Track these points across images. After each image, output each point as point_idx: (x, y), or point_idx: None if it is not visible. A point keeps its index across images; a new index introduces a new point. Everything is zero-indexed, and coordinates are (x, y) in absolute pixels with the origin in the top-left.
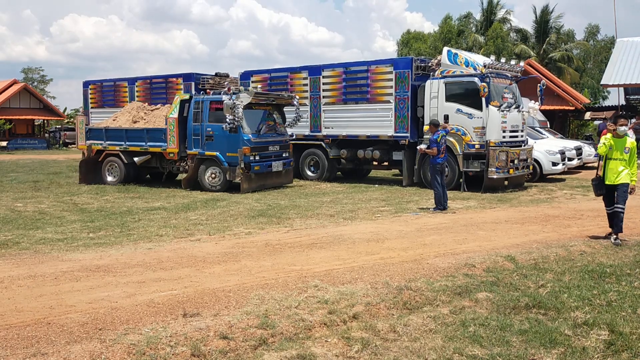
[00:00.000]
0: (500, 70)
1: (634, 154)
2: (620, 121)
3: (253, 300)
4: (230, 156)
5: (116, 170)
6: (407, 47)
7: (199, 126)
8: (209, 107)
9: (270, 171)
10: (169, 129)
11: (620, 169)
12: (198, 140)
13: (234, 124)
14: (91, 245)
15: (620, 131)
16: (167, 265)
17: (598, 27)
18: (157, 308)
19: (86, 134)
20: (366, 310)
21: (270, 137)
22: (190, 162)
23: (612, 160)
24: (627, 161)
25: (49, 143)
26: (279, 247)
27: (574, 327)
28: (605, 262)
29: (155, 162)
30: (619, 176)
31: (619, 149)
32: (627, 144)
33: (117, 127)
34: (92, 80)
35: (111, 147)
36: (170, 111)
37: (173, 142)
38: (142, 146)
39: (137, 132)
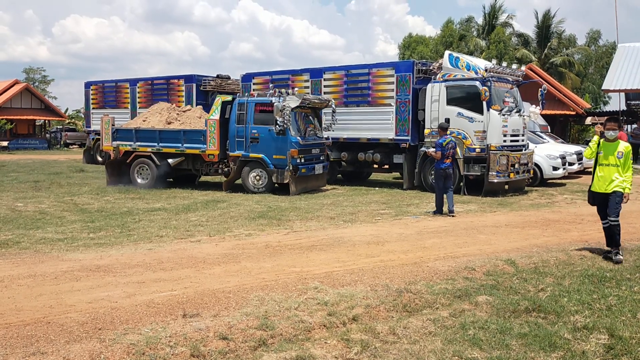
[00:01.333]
0: (502, 75)
1: (628, 159)
2: (610, 125)
3: (253, 301)
4: (277, 158)
5: (146, 172)
6: (409, 50)
7: (242, 128)
8: (254, 109)
9: (313, 174)
10: (209, 130)
11: (613, 176)
12: (241, 142)
13: (283, 126)
14: (91, 245)
15: (609, 136)
16: (167, 266)
17: (599, 33)
18: (157, 308)
19: (113, 134)
20: (366, 312)
21: (312, 140)
22: (232, 164)
23: (603, 167)
24: (621, 167)
25: (49, 143)
26: (279, 248)
27: (573, 331)
28: (605, 266)
29: (187, 164)
30: (611, 184)
31: (610, 153)
32: (620, 148)
33: (149, 128)
34: (93, 81)
35: (142, 148)
36: (211, 112)
37: (213, 144)
38: (177, 148)
39: (173, 134)
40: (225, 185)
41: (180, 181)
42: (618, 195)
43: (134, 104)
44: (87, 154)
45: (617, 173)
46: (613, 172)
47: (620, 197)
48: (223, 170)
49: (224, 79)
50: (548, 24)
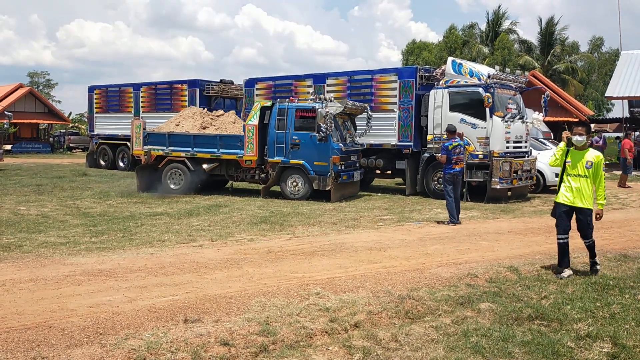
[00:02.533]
0: (505, 81)
1: (599, 170)
2: (577, 129)
3: (254, 307)
4: (318, 165)
5: (179, 178)
6: (413, 56)
7: (282, 134)
8: (295, 115)
9: (352, 180)
10: (247, 135)
11: (583, 188)
12: (281, 148)
13: (326, 132)
14: (93, 249)
15: (576, 141)
16: (169, 271)
17: (602, 40)
18: (158, 313)
19: (144, 138)
20: (368, 319)
21: (351, 147)
22: (271, 171)
23: (571, 177)
24: (590, 178)
25: (53, 147)
26: (281, 254)
27: (577, 339)
28: (608, 274)
29: (220, 170)
30: (577, 197)
31: (579, 162)
32: (589, 157)
33: (183, 133)
34: (97, 85)
35: (175, 153)
36: (249, 118)
37: (251, 150)
38: (213, 153)
39: (209, 139)
40: (263, 191)
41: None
42: (588, 215)
43: (137, 108)
44: (90, 157)
45: (586, 186)
46: (583, 185)
47: (590, 216)
48: (260, 176)
49: (227, 84)
50: (551, 30)
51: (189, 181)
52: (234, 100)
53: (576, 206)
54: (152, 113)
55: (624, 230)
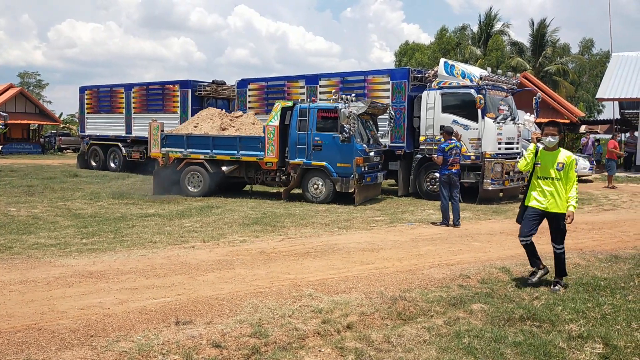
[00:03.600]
0: (497, 83)
1: (570, 171)
2: (549, 129)
3: (246, 308)
4: (341, 167)
5: (198, 180)
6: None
7: (304, 135)
8: (317, 116)
9: (376, 182)
10: (268, 137)
11: (554, 192)
12: (303, 149)
13: (350, 133)
14: (84, 251)
15: (548, 142)
16: (161, 272)
17: (592, 41)
18: (150, 315)
19: (162, 140)
20: (360, 320)
21: (374, 148)
22: (292, 173)
23: (541, 180)
24: (562, 181)
25: (43, 148)
26: (274, 255)
27: (568, 340)
28: (599, 275)
29: (239, 172)
30: (551, 201)
31: (550, 165)
32: (560, 159)
33: (202, 135)
34: (88, 86)
35: (194, 155)
36: (270, 119)
37: (272, 151)
38: (233, 155)
39: (228, 140)
40: (284, 194)
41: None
42: (559, 218)
43: (128, 109)
44: (81, 158)
45: (558, 188)
46: (554, 187)
47: (561, 220)
48: (281, 178)
49: (220, 84)
50: (543, 32)
51: (207, 184)
52: (226, 101)
53: (550, 211)
54: (143, 114)
55: (615, 231)
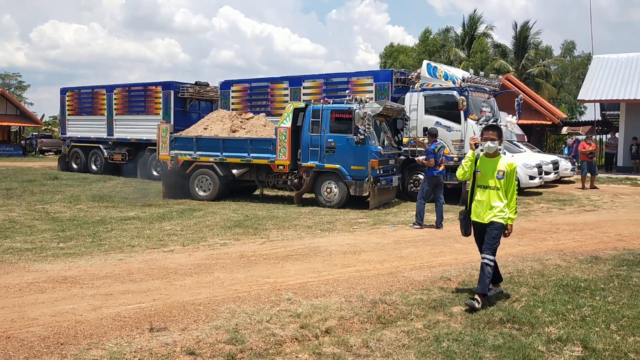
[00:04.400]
0: (479, 85)
1: (511, 180)
2: (488, 134)
3: (223, 314)
4: (355, 169)
5: (207, 184)
6: (391, 59)
7: (317, 137)
8: (330, 117)
9: (391, 186)
10: (280, 139)
11: (493, 202)
12: (316, 151)
13: (364, 135)
14: (60, 255)
15: (488, 148)
16: (137, 277)
17: (574, 44)
18: (123, 322)
19: (171, 143)
20: (339, 324)
21: (390, 150)
22: (305, 176)
23: (480, 189)
24: (501, 190)
25: (25, 150)
26: (254, 258)
27: (547, 343)
28: (580, 276)
29: (250, 175)
30: (489, 212)
31: (490, 173)
32: (500, 166)
33: (212, 137)
34: (69, 87)
35: (203, 158)
36: (282, 120)
37: (284, 154)
38: (243, 157)
39: (239, 143)
40: (296, 197)
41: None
42: (496, 228)
43: (110, 110)
44: (62, 161)
45: (497, 198)
46: (493, 197)
47: (499, 230)
48: (293, 181)
49: (203, 86)
50: (525, 35)
51: (217, 187)
52: (209, 103)
53: (486, 222)
54: (125, 115)
55: (596, 232)
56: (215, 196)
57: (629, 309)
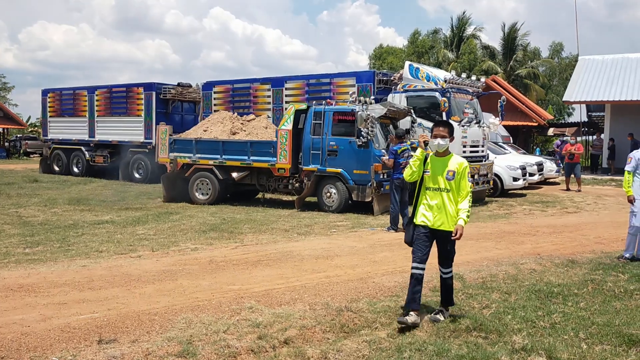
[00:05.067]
0: (461, 86)
1: (463, 181)
2: (438, 130)
3: (179, 324)
4: (358, 174)
5: (207, 187)
6: (380, 61)
7: (319, 139)
8: (332, 119)
9: None
10: (280, 141)
11: (446, 206)
12: (317, 155)
13: (367, 138)
14: (23, 261)
15: (437, 146)
16: (97, 285)
17: (562, 45)
18: (72, 333)
19: (170, 145)
20: (300, 334)
21: None
22: (306, 180)
23: (430, 192)
24: (453, 192)
25: (8, 152)
26: (223, 264)
27: (511, 353)
28: (554, 281)
29: (250, 179)
30: (437, 217)
31: (439, 173)
32: (451, 166)
33: (212, 139)
34: (51, 89)
35: (203, 161)
36: (283, 122)
37: (285, 157)
38: (243, 161)
39: (239, 145)
40: (297, 202)
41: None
42: (450, 236)
43: (92, 112)
44: (44, 163)
45: (449, 202)
46: (445, 201)
47: (453, 241)
48: (294, 186)
49: (185, 87)
50: (514, 36)
51: (217, 191)
52: (192, 104)
53: (438, 229)
54: (107, 117)
55: (576, 234)
56: (214, 200)
57: (600, 315)
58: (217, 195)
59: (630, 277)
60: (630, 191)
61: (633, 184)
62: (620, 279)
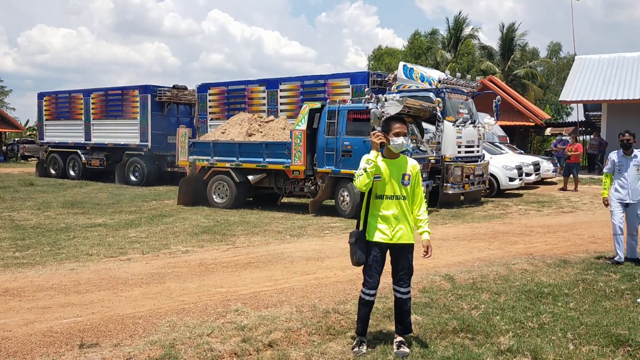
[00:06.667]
0: (456, 86)
1: (418, 187)
2: (399, 127)
3: (163, 327)
4: None
5: (225, 191)
6: (378, 62)
7: (333, 140)
8: (347, 118)
9: None
10: (295, 142)
11: (403, 216)
12: (331, 155)
13: None
14: (11, 265)
15: (397, 146)
16: (83, 288)
17: (560, 45)
18: (54, 337)
19: (189, 148)
20: (285, 337)
21: (414, 154)
22: (320, 182)
23: (387, 200)
24: (408, 199)
25: (6, 156)
26: (213, 267)
27: (497, 354)
28: (544, 281)
29: (268, 182)
30: (398, 229)
31: (393, 177)
32: (407, 169)
33: (228, 141)
34: (46, 92)
35: (220, 163)
36: (297, 122)
37: (299, 158)
38: (259, 163)
39: (254, 147)
40: (311, 206)
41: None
42: (412, 251)
43: (87, 115)
44: (40, 166)
45: (407, 210)
46: (403, 210)
47: (411, 252)
48: (310, 188)
49: (181, 89)
50: (511, 36)
51: (234, 194)
52: (188, 106)
53: (398, 242)
54: (103, 120)
55: (570, 234)
56: (231, 204)
57: (589, 315)
58: (233, 198)
59: (621, 277)
60: (605, 193)
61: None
62: (611, 278)
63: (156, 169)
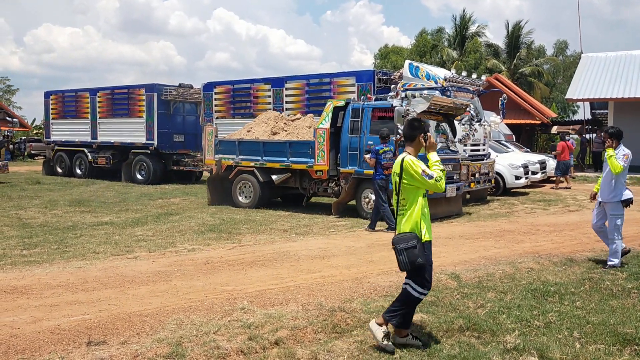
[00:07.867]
0: (462, 84)
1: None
2: None
3: (170, 325)
4: None
5: (249, 190)
6: (384, 60)
7: (357, 139)
8: (371, 116)
9: (444, 196)
10: (318, 141)
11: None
12: (355, 155)
13: None
14: (19, 263)
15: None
16: (90, 286)
17: (566, 43)
18: (61, 335)
19: (215, 147)
20: (291, 335)
21: (443, 155)
22: (343, 183)
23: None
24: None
25: (13, 155)
26: (219, 265)
27: (503, 353)
28: (551, 280)
29: (293, 182)
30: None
31: None
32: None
33: (252, 140)
34: (53, 91)
35: (245, 162)
36: (321, 120)
37: (322, 158)
38: (282, 162)
39: (277, 146)
40: (334, 207)
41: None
42: None
43: (94, 113)
44: (47, 165)
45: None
46: None
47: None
48: (333, 189)
49: (186, 88)
50: (517, 34)
51: (258, 194)
52: (194, 105)
53: None
54: (109, 118)
55: (576, 232)
56: (256, 203)
57: (596, 314)
58: (258, 198)
59: (628, 276)
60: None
61: None
62: (618, 277)
63: (162, 168)
